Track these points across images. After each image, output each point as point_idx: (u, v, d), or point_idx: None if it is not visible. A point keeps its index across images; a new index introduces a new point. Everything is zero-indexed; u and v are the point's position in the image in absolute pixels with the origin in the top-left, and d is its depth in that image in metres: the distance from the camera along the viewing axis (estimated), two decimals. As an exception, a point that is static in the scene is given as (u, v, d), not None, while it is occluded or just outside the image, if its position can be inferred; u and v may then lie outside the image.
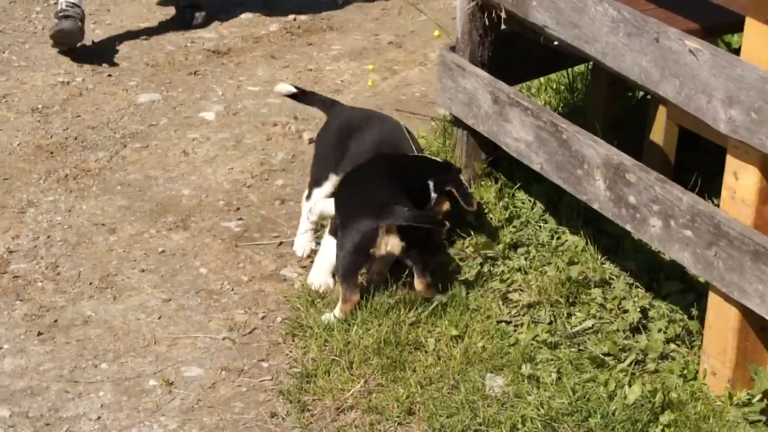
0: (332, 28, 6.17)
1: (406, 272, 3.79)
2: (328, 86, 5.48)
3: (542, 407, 3.26)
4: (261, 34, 6.06)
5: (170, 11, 6.20)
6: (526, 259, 3.91)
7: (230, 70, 5.64)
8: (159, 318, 3.83)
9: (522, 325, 3.66)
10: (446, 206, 3.97)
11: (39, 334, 3.73)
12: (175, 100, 5.29)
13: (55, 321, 3.80)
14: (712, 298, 3.27)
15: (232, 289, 3.99)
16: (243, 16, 6.26)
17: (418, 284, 3.71)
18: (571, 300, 3.70)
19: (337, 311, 3.68)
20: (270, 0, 6.46)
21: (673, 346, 3.50)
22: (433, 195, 3.95)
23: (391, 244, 3.66)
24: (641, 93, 4.63)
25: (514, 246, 3.97)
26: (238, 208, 4.44)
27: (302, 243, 4.14)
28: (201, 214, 4.42)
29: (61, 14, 5.54)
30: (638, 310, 3.59)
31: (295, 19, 6.24)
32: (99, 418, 3.39)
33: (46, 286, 3.98)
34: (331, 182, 4.08)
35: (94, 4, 6.24)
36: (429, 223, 3.70)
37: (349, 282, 3.68)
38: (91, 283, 3.99)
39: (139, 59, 5.66)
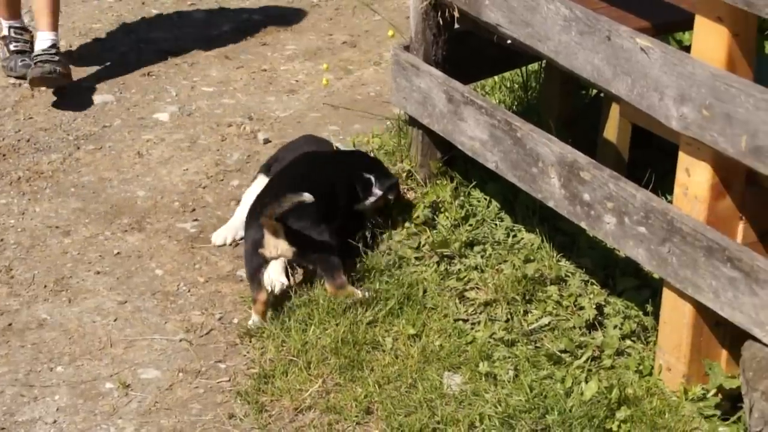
0: (286, 28, 6.16)
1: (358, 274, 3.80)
2: (282, 86, 5.47)
3: (500, 405, 3.28)
4: (214, 34, 6.03)
5: (123, 11, 6.15)
6: (482, 257, 3.93)
7: (184, 70, 5.61)
8: (115, 320, 3.81)
9: (479, 323, 3.68)
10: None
11: (-7, 338, 3.70)
12: (128, 101, 5.26)
13: (10, 324, 3.76)
14: (667, 294, 3.30)
15: (189, 291, 3.97)
16: (196, 15, 6.23)
17: (329, 288, 3.71)
18: (527, 297, 3.72)
19: (252, 314, 3.71)
20: (223, 0, 6.44)
21: (628, 342, 3.53)
22: (377, 191, 4.00)
23: (280, 248, 3.68)
24: (594, 91, 4.66)
25: (470, 244, 3.98)
26: (194, 209, 4.43)
27: (222, 232, 4.22)
28: (156, 215, 4.39)
29: (37, 59, 5.11)
30: (594, 306, 3.62)
31: (248, 19, 6.22)
32: (55, 421, 3.36)
33: (0, 290, 3.93)
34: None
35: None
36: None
37: (252, 282, 3.71)
38: (45, 286, 3.95)
39: (92, 60, 5.62)
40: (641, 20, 3.78)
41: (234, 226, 4.21)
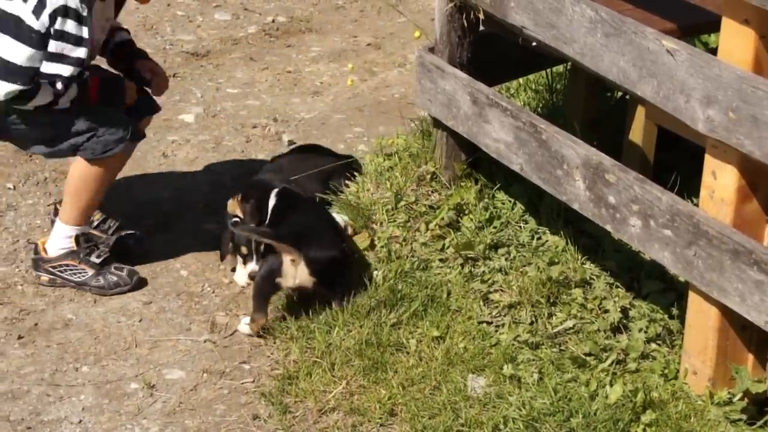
0: (311, 29, 6.17)
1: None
2: (307, 88, 5.48)
3: (524, 407, 3.27)
4: (239, 36, 6.05)
5: (148, 13, 6.18)
6: (506, 259, 3.92)
7: (209, 72, 5.63)
8: (140, 321, 3.83)
9: (503, 325, 3.67)
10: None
11: (19, 337, 3.71)
12: (154, 103, 5.27)
13: (36, 324, 3.79)
14: (692, 298, 3.29)
15: (213, 292, 3.98)
16: (221, 18, 6.25)
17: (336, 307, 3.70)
18: (551, 300, 3.71)
19: (246, 326, 3.71)
20: (248, 2, 6.46)
21: (654, 345, 3.52)
22: None
23: (300, 278, 3.66)
24: (620, 93, 4.65)
25: (494, 247, 3.98)
26: (219, 210, 4.43)
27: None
28: (181, 216, 4.41)
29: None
30: (619, 309, 3.60)
31: (273, 21, 6.23)
32: (80, 421, 3.38)
33: (26, 290, 3.96)
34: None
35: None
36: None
37: (259, 304, 3.68)
38: (71, 287, 3.97)
39: (118, 62, 5.64)
40: (667, 22, 3.76)
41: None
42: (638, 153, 4.11)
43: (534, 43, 3.70)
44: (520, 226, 4.07)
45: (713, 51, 3.15)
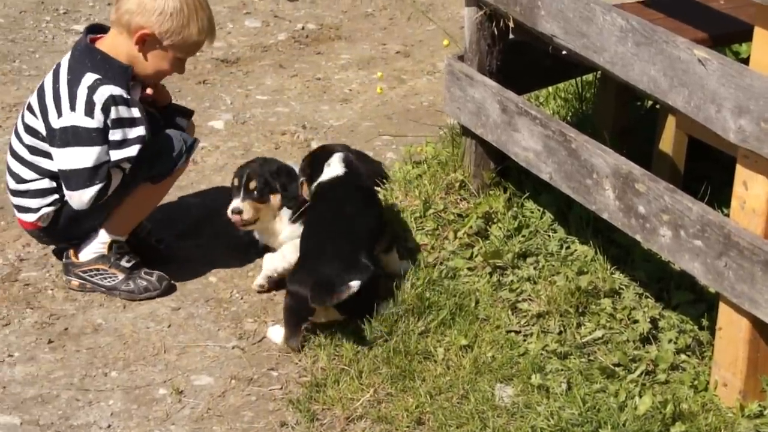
0: (340, 37, 6.19)
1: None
2: (336, 95, 5.49)
3: (552, 418, 3.26)
4: (269, 43, 6.07)
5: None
6: (535, 268, 3.91)
7: (239, 79, 5.66)
8: (169, 326, 3.84)
9: (531, 335, 3.66)
10: None
11: (49, 342, 3.74)
12: (184, 109, 5.30)
13: (66, 329, 3.81)
14: (723, 309, 3.27)
15: (242, 298, 4.00)
16: (251, 25, 6.28)
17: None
18: (580, 310, 3.70)
19: (278, 339, 3.72)
20: (278, 9, 6.48)
21: (683, 356, 3.50)
22: None
23: (330, 316, 3.66)
24: (650, 102, 4.63)
25: (523, 255, 3.97)
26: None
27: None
28: (210, 222, 4.42)
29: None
30: (648, 320, 3.59)
31: (303, 29, 6.25)
32: (109, 426, 3.39)
33: (57, 294, 3.98)
34: None
35: (102, 13, 6.26)
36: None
37: (292, 334, 3.67)
38: (101, 292, 4.00)
39: (148, 68, 5.67)
40: (698, 31, 3.75)
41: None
42: (668, 163, 4.09)
43: (564, 52, 3.70)
44: (549, 235, 4.06)
45: (745, 61, 3.13)
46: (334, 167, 3.98)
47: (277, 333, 3.75)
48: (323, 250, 3.68)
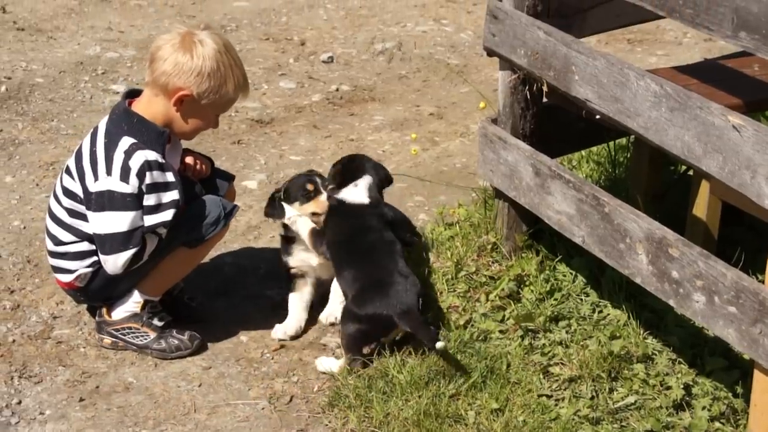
0: (374, 98, 6.24)
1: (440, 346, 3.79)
2: (369, 156, 5.51)
3: (584, 484, 3.23)
4: (304, 104, 6.13)
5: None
6: (567, 332, 3.89)
7: (273, 139, 5.70)
8: (199, 385, 3.84)
9: (563, 399, 3.63)
10: None
11: (81, 400, 3.75)
12: (218, 169, 5.35)
13: (97, 387, 3.82)
14: (758, 376, 3.23)
15: (272, 358, 3.99)
16: (286, 86, 6.34)
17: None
18: (613, 375, 3.67)
19: (335, 369, 3.83)
20: (313, 71, 6.55)
21: (717, 424, 3.46)
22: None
23: (395, 334, 3.84)
24: (683, 167, 4.62)
25: (555, 319, 3.95)
26: (279, 277, 4.46)
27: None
28: (242, 281, 4.44)
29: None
30: (682, 386, 3.55)
31: (337, 90, 6.31)
32: (138, 486, 3.39)
33: (89, 352, 4.00)
34: None
35: (140, 74, 6.35)
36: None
37: (356, 353, 3.80)
38: (133, 350, 4.01)
39: (184, 128, 5.73)
40: (732, 97, 3.75)
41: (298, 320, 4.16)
42: (702, 228, 4.07)
43: (597, 116, 3.71)
44: (582, 299, 4.04)
45: (779, 127, 3.12)
46: (361, 193, 4.13)
47: (327, 363, 3.83)
48: (379, 274, 3.82)
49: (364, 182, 4.15)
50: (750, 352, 3.19)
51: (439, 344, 3.65)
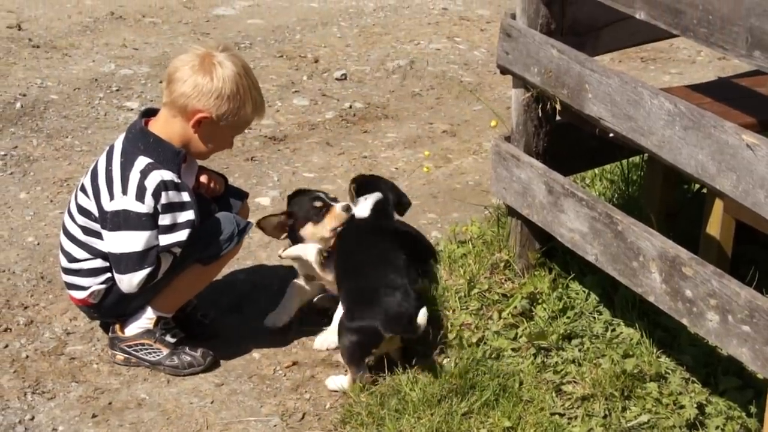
0: (387, 116, 6.25)
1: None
2: (382, 173, 5.51)
3: (597, 503, 3.21)
4: (317, 121, 6.14)
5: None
6: (580, 350, 3.88)
7: (286, 156, 5.72)
8: (212, 402, 3.84)
9: (576, 418, 3.62)
10: None
11: (93, 416, 3.75)
12: (231, 185, 5.36)
13: (110, 403, 3.82)
14: (771, 396, 3.22)
15: (284, 375, 4.00)
16: (300, 103, 6.36)
17: None
18: (626, 393, 3.66)
19: (344, 384, 3.85)
20: (326, 88, 6.57)
21: (730, 443, 3.45)
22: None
23: (391, 346, 3.86)
24: (697, 185, 4.62)
25: (568, 337, 3.94)
26: (292, 294, 4.47)
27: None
28: (255, 298, 4.44)
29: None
30: (695, 405, 3.54)
31: (350, 107, 6.33)
32: (150, 502, 3.39)
33: (102, 368, 4.01)
34: None
35: (153, 91, 6.37)
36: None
37: (358, 366, 3.82)
38: (145, 366, 4.01)
39: (198, 144, 5.75)
40: (746, 116, 3.75)
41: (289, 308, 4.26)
42: (716, 246, 4.07)
43: (611, 135, 3.71)
44: (594, 317, 4.04)
45: (793, 146, 3.12)
46: (365, 208, 4.23)
47: (338, 380, 3.86)
48: (376, 286, 3.84)
49: (372, 198, 4.23)
50: (764, 372, 3.18)
51: (420, 315, 3.70)
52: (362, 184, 4.33)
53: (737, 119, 3.54)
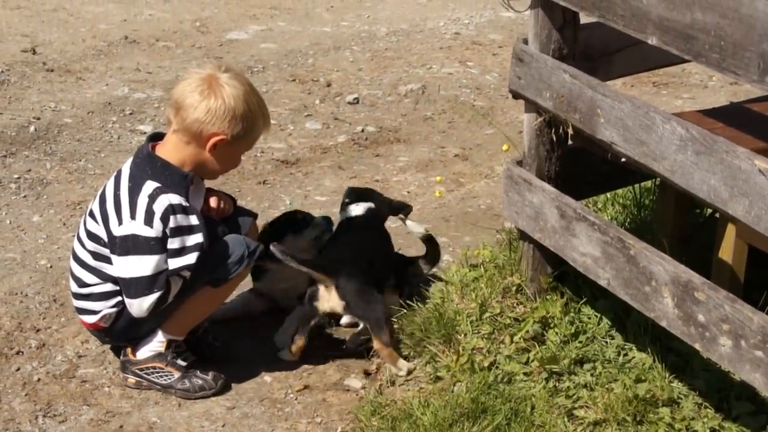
0: (399, 140, 6.27)
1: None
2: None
3: None
4: (329, 145, 6.16)
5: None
6: (592, 375, 3.87)
7: (298, 179, 5.73)
8: (223, 426, 3.84)
9: (588, 443, 3.61)
10: None
11: (104, 439, 3.76)
12: (244, 209, 5.37)
13: (121, 426, 3.82)
14: (785, 421, 3.21)
15: (296, 399, 3.99)
16: (312, 127, 6.38)
17: (375, 343, 4.01)
18: (638, 419, 3.65)
19: (287, 353, 4.16)
20: (338, 112, 6.59)
21: (743, 469, 3.43)
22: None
23: (332, 302, 4.02)
24: (709, 210, 4.61)
25: (579, 362, 3.93)
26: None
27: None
28: (266, 321, 4.44)
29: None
30: (708, 431, 3.52)
31: (363, 131, 6.34)
32: None
33: (113, 392, 4.01)
34: None
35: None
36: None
37: (301, 328, 4.10)
38: (157, 390, 4.01)
39: (210, 168, 5.77)
40: (759, 141, 3.75)
41: None
42: (728, 271, 4.05)
43: (623, 159, 3.71)
44: (606, 342, 4.02)
45: (806, 171, 3.11)
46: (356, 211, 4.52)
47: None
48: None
49: (360, 208, 4.51)
50: (777, 397, 3.17)
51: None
52: (354, 195, 4.56)
53: (749, 144, 3.53)
